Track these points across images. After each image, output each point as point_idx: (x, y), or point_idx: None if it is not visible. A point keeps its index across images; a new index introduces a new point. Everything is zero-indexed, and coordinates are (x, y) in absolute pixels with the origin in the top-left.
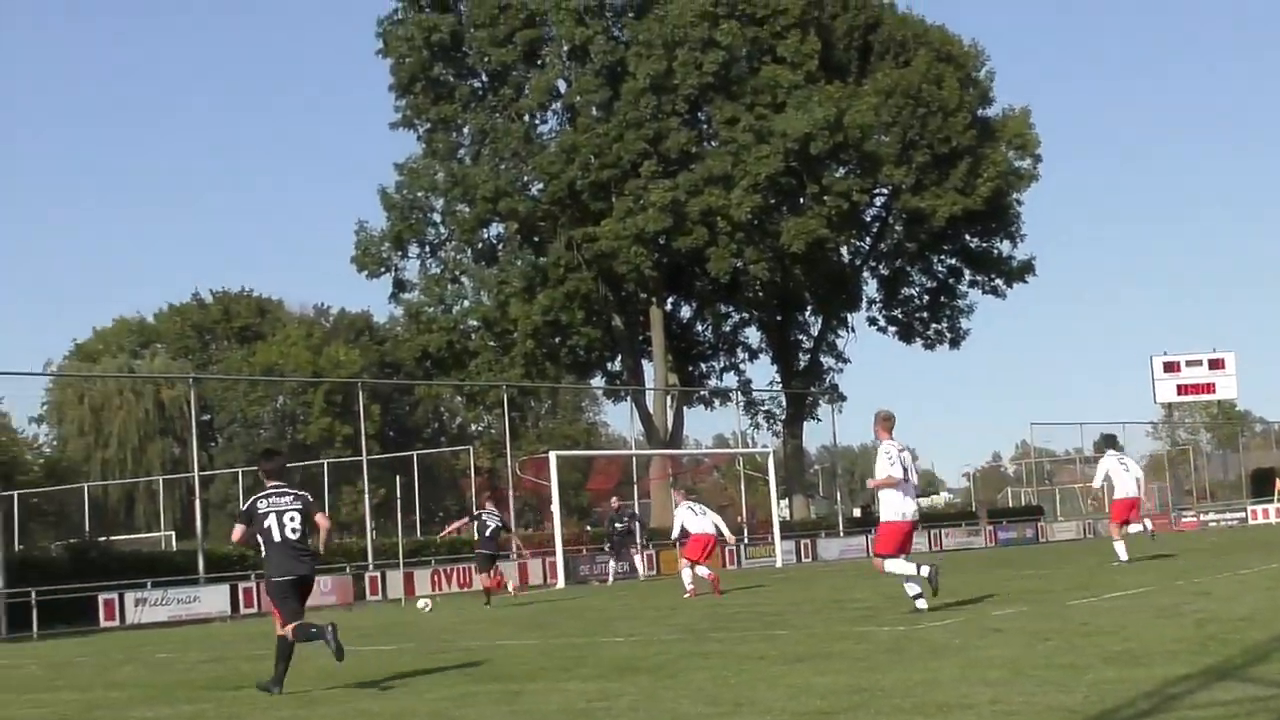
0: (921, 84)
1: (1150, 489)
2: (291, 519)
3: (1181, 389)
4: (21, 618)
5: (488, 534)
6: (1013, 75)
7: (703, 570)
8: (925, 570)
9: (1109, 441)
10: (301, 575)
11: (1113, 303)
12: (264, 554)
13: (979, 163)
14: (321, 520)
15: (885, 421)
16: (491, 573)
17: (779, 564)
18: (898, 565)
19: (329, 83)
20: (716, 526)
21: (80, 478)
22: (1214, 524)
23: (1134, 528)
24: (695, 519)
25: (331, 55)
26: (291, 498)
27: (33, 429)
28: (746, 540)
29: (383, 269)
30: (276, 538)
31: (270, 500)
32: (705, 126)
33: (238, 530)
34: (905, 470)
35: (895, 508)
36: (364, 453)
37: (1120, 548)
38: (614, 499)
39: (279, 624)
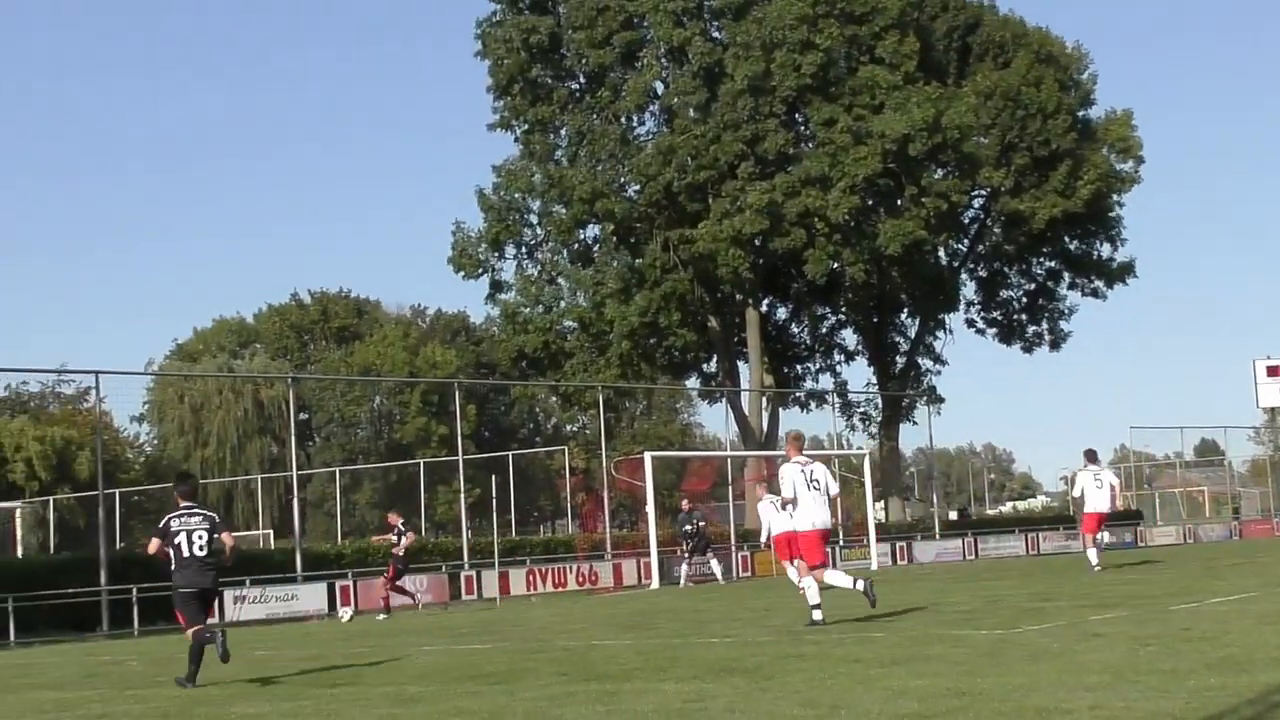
0: (1020, 86)
1: (1253, 494)
2: (200, 536)
3: None
4: (123, 614)
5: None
6: (1115, 77)
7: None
8: (861, 585)
9: (1089, 456)
10: (204, 588)
11: (1215, 305)
12: (173, 566)
13: (1079, 165)
14: (227, 538)
15: (795, 441)
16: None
17: (874, 566)
18: (836, 577)
19: (427, 85)
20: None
21: None
22: None
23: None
24: (778, 516)
25: (430, 57)
26: (201, 518)
27: (134, 428)
28: (842, 543)
29: (480, 270)
30: (185, 553)
31: (181, 520)
32: (803, 128)
33: (153, 543)
34: (809, 485)
35: (806, 518)
36: (460, 452)
37: (1092, 554)
38: (684, 501)
39: (185, 629)
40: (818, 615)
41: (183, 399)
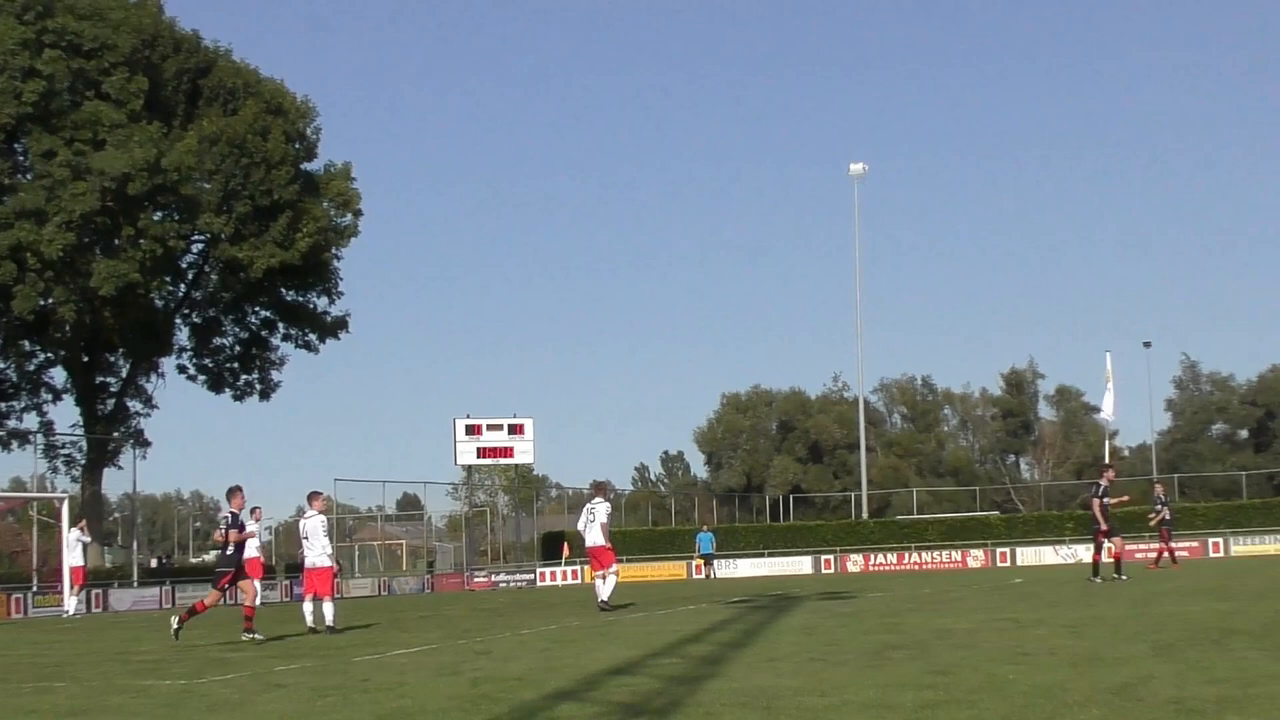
0: (247, 134)
1: (448, 549)
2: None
3: (482, 451)
4: None
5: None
6: (340, 133)
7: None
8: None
9: (598, 489)
10: None
11: (422, 363)
12: None
13: (300, 217)
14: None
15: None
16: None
17: (70, 612)
18: None
19: None
20: None
21: None
22: (505, 584)
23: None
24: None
25: None
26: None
27: None
28: (36, 589)
29: None
30: None
31: None
32: (21, 158)
33: None
34: None
35: None
36: None
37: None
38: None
39: None
40: None
41: None
